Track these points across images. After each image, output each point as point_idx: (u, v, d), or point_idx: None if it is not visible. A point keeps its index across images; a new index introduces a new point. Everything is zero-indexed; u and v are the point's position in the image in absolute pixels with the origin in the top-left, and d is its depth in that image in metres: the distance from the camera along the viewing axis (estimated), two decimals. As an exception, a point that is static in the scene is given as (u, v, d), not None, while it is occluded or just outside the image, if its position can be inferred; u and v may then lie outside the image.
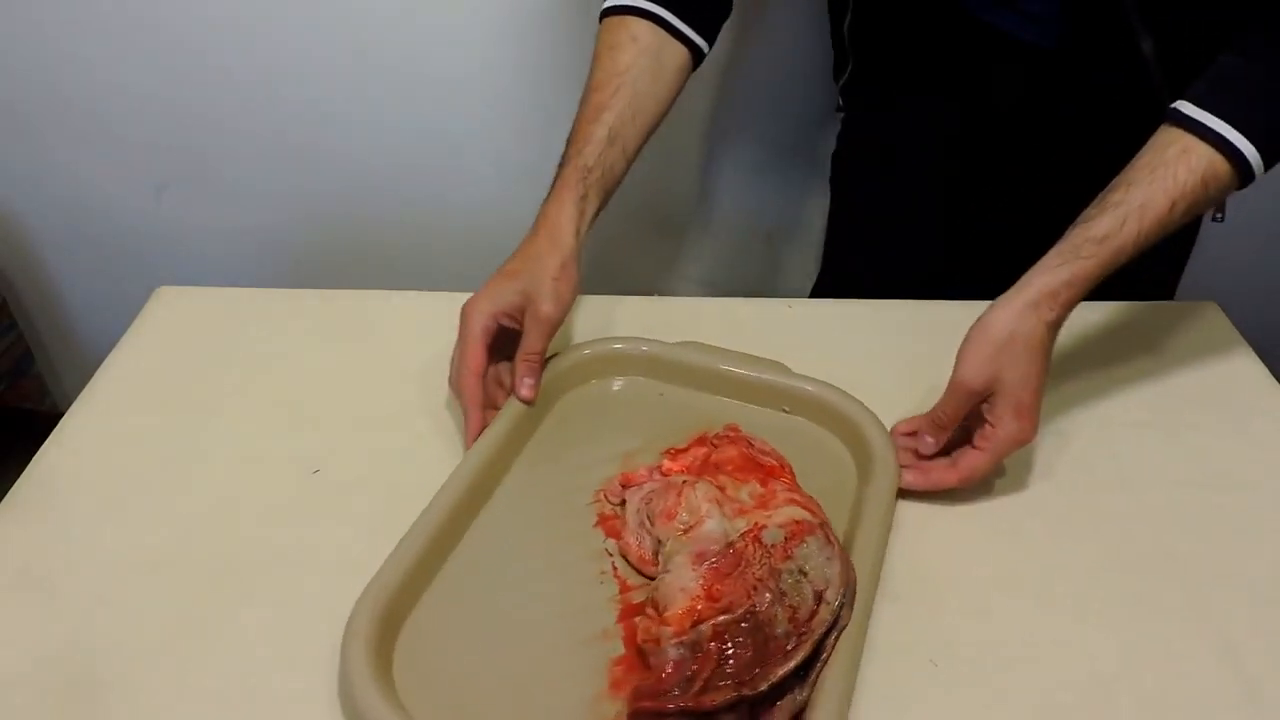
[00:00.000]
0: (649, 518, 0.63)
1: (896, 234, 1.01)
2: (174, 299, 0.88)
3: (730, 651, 0.53)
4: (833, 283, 1.09)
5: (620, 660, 0.57)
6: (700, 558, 0.58)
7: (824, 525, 0.60)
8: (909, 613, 0.60)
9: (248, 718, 0.55)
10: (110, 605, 0.61)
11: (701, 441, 0.71)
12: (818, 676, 0.53)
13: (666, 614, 0.55)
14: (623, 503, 0.66)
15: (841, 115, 1.05)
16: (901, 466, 0.67)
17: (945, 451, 0.68)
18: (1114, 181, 0.67)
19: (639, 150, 0.80)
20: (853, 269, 1.07)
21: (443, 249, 1.41)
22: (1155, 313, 0.87)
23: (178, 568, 0.64)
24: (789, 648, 0.53)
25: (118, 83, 1.26)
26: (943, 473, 0.67)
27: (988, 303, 0.84)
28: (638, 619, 0.58)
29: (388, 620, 0.56)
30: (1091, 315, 0.85)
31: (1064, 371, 0.80)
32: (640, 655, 0.56)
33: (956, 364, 0.66)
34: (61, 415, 0.76)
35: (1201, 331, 0.85)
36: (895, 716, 0.55)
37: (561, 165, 0.77)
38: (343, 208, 1.39)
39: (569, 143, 0.78)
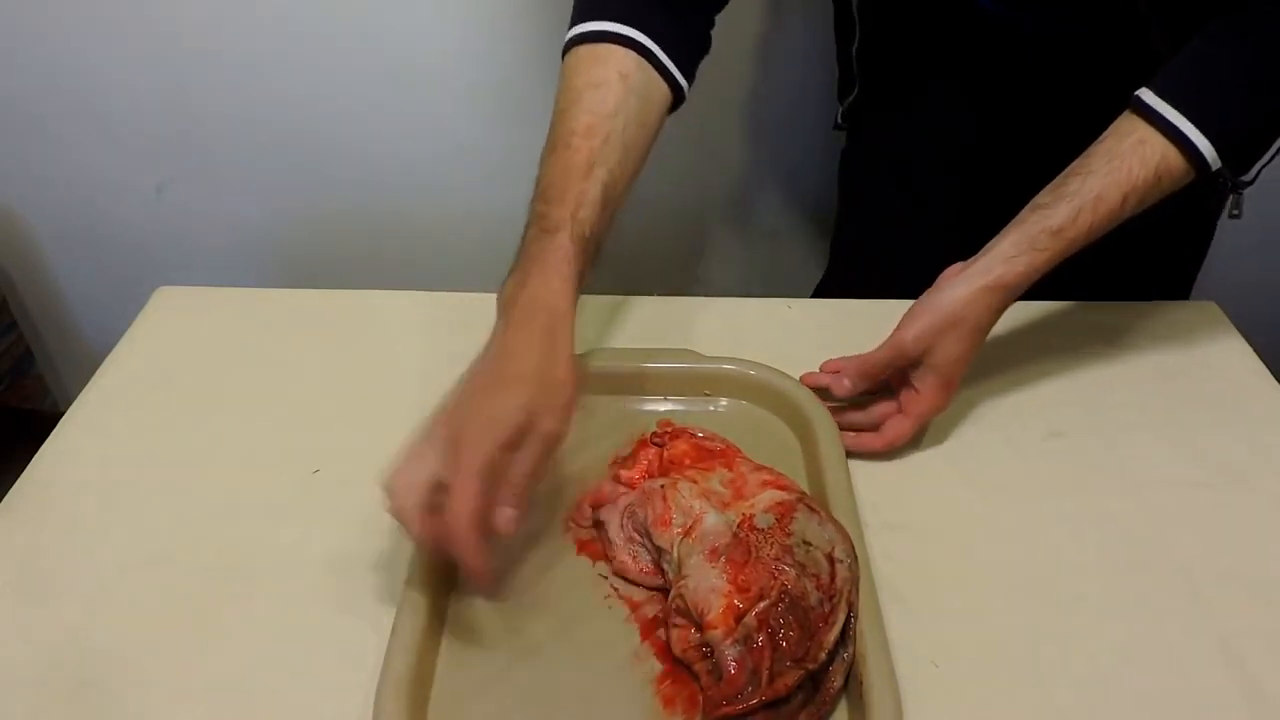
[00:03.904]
0: (638, 530, 0.62)
1: (907, 235, 1.01)
2: (174, 299, 0.88)
3: (780, 634, 0.54)
4: (839, 283, 1.09)
5: (662, 677, 0.56)
6: (714, 554, 0.58)
7: (802, 496, 0.62)
8: (910, 614, 0.60)
9: (247, 717, 0.55)
10: (110, 605, 0.61)
11: (644, 444, 0.70)
12: (854, 631, 0.55)
13: (708, 618, 0.55)
14: (594, 524, 0.65)
15: (841, 132, 1.04)
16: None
17: (863, 407, 0.72)
18: (1073, 165, 0.68)
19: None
20: (861, 270, 1.06)
21: (444, 249, 1.41)
22: (1155, 313, 0.86)
23: (178, 568, 0.64)
24: (827, 613, 0.55)
25: (118, 82, 1.26)
26: (870, 439, 0.71)
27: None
28: (661, 632, 0.58)
29: (413, 706, 0.53)
30: (1092, 315, 0.85)
31: (1063, 371, 0.80)
32: (680, 667, 0.56)
33: (902, 325, 0.68)
34: (61, 415, 0.76)
35: (1201, 331, 0.85)
36: (895, 716, 0.55)
37: (549, 230, 0.64)
38: (343, 207, 1.39)
39: (553, 200, 0.65)
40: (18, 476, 0.70)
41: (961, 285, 0.67)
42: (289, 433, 0.74)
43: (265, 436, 0.74)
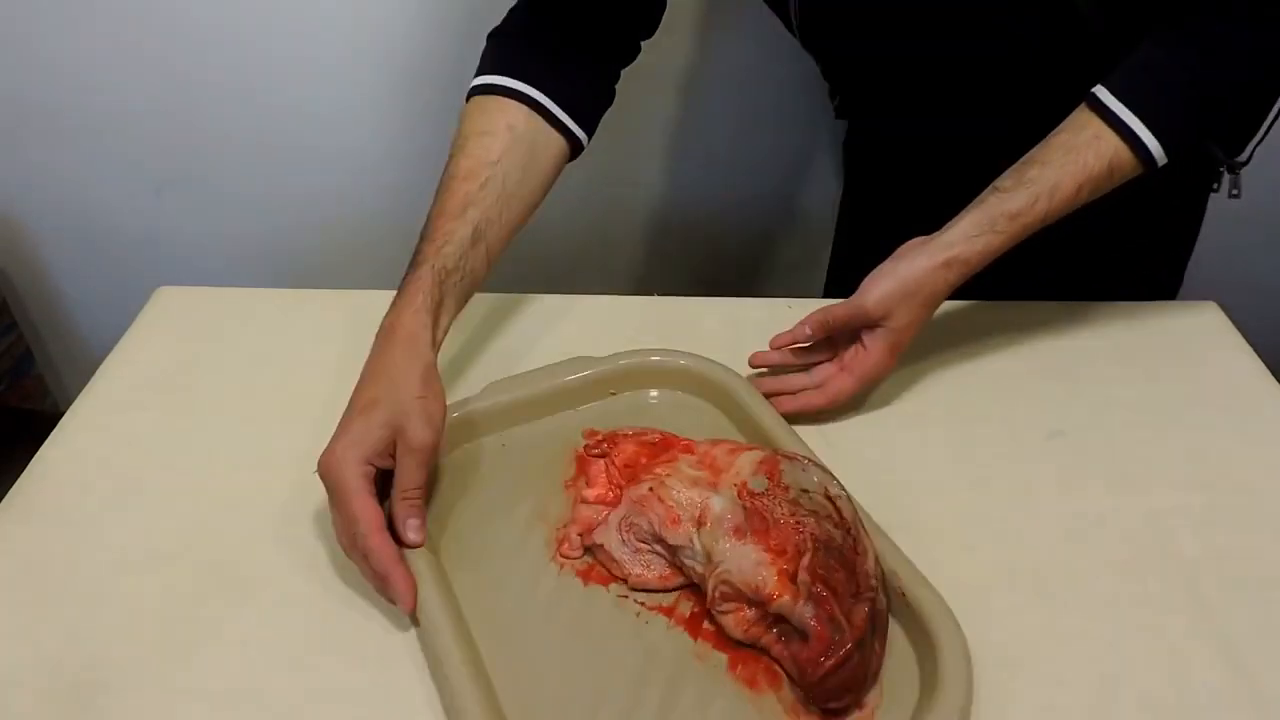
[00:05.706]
0: (643, 539, 0.62)
1: (908, 227, 1.01)
2: (174, 299, 0.88)
3: (832, 580, 0.55)
4: (843, 273, 1.09)
5: (732, 663, 0.57)
6: (739, 532, 0.58)
7: (775, 451, 0.64)
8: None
9: (247, 718, 0.55)
10: (110, 605, 0.61)
11: (584, 460, 0.69)
12: (876, 553, 0.59)
13: (766, 590, 0.56)
14: (587, 549, 0.63)
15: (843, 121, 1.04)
16: (772, 396, 0.73)
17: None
18: (1032, 153, 0.71)
19: (502, 252, 0.74)
20: (864, 262, 1.06)
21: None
22: (1155, 313, 0.87)
23: (178, 568, 0.64)
24: (854, 545, 0.58)
25: (117, 83, 1.26)
26: (811, 396, 0.74)
27: (995, 303, 0.85)
28: (708, 625, 0.59)
29: None
30: (1092, 315, 0.85)
31: (1064, 371, 0.80)
32: (743, 649, 0.57)
33: (864, 289, 0.72)
34: (62, 415, 0.76)
35: (1201, 331, 0.85)
36: (895, 716, 0.55)
37: (415, 265, 0.70)
38: (342, 208, 1.39)
39: (425, 238, 0.71)
40: (18, 476, 0.70)
41: (923, 257, 0.71)
42: (289, 433, 0.74)
43: (265, 436, 0.74)
